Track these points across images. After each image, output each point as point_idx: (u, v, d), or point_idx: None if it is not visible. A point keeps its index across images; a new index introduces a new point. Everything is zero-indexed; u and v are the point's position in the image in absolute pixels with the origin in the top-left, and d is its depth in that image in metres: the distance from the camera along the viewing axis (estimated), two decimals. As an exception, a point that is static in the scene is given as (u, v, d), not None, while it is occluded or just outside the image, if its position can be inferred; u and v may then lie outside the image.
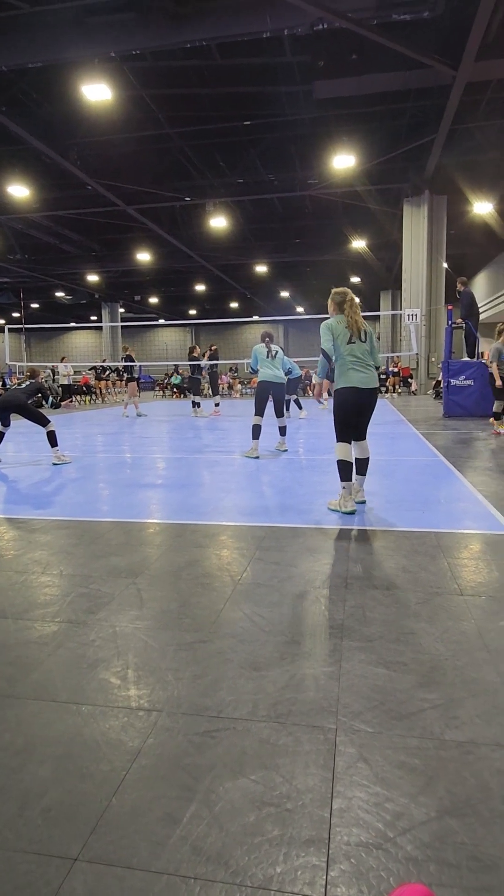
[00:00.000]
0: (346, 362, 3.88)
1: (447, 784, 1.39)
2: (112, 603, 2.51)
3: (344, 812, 1.31)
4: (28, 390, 6.37)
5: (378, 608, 2.40)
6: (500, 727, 1.61)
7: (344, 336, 3.91)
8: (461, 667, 1.92)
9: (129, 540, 3.46)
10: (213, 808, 1.33)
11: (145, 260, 23.70)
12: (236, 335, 40.29)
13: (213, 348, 13.91)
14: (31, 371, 6.73)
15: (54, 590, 2.69)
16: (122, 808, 1.34)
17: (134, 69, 11.26)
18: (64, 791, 1.40)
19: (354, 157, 14.23)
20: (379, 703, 1.73)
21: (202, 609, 2.43)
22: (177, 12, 9.31)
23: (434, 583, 2.67)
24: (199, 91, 12.18)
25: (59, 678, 1.91)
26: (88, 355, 37.57)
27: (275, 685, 1.84)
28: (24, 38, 9.71)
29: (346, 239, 21.48)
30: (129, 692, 1.82)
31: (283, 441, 7.05)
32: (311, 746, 1.54)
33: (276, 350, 6.65)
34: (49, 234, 21.22)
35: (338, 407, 3.94)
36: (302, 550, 3.18)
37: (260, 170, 16.17)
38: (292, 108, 12.90)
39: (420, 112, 13.37)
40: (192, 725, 1.64)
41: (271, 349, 6.59)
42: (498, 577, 2.74)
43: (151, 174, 16.28)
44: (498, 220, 18.09)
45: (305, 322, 36.41)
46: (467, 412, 10.81)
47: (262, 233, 22.16)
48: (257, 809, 1.32)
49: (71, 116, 12.76)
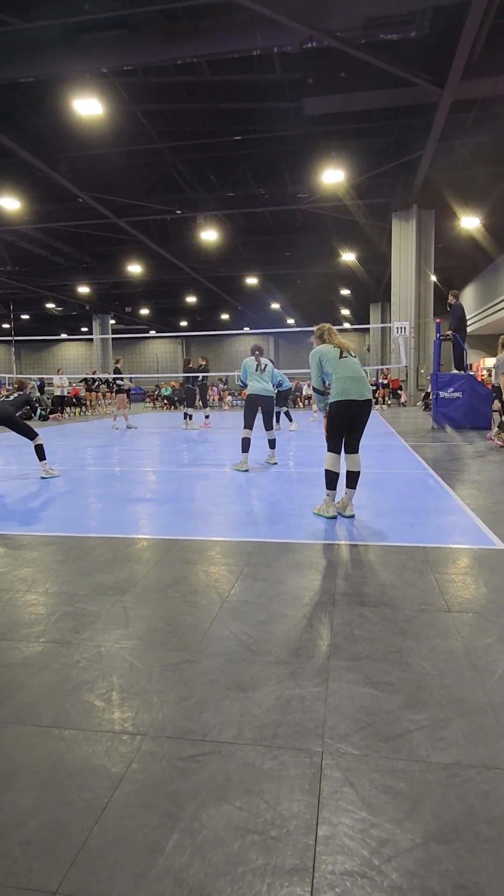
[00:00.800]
0: (341, 376, 4.01)
1: (433, 808, 1.38)
2: (98, 622, 2.48)
3: (329, 839, 1.30)
4: (16, 402, 6.33)
5: (365, 626, 2.39)
6: (487, 748, 1.60)
7: (334, 354, 4.11)
8: (448, 686, 1.92)
9: (117, 556, 3.43)
10: (197, 837, 1.31)
11: (136, 272, 23.78)
12: (227, 347, 40.43)
13: (203, 363, 13.97)
14: (18, 383, 6.70)
15: (39, 608, 2.65)
16: (103, 838, 1.32)
17: (125, 84, 11.37)
18: (44, 821, 1.37)
19: (343, 172, 14.42)
20: (366, 725, 1.71)
21: (189, 628, 2.41)
22: (168, 29, 9.43)
23: (422, 599, 2.66)
24: (190, 106, 12.31)
25: (42, 701, 1.88)
26: (79, 367, 37.51)
27: (261, 707, 1.82)
28: (16, 53, 9.78)
29: (336, 252, 21.70)
30: (114, 715, 1.79)
31: (273, 454, 7.05)
32: (296, 770, 1.53)
33: (266, 363, 6.69)
34: (40, 246, 21.25)
35: (332, 418, 4.07)
36: (290, 566, 3.17)
37: (250, 184, 16.33)
38: (282, 123, 13.07)
39: (408, 128, 13.59)
40: (176, 749, 1.62)
41: (261, 362, 6.63)
42: (485, 592, 2.74)
43: (142, 187, 16.39)
44: (485, 234, 18.36)
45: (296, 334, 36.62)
46: (456, 424, 10.89)
47: (253, 245, 22.33)
48: (241, 837, 1.31)
49: (62, 130, 12.84)
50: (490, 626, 2.37)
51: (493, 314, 21.66)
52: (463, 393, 10.87)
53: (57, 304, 31.35)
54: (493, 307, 21.46)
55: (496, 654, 2.12)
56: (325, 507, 4.18)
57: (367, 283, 26.81)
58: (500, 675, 1.97)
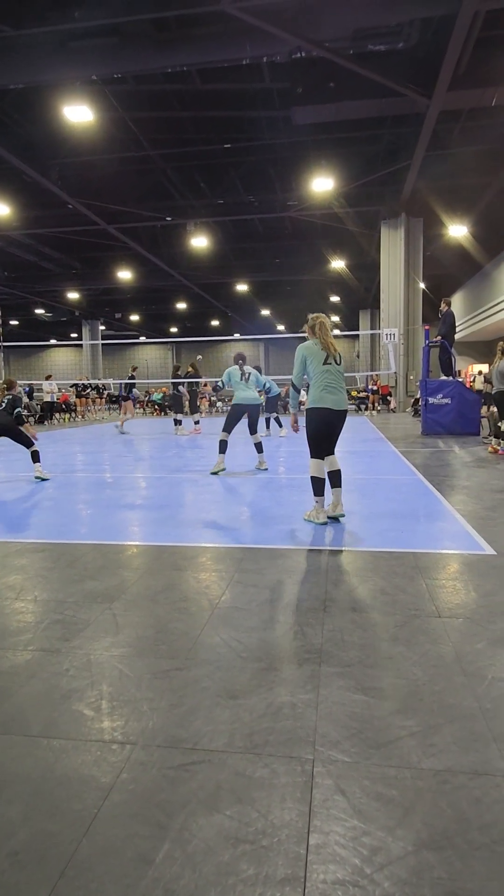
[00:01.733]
0: (321, 384, 4.06)
1: (424, 816, 1.38)
2: (87, 629, 2.46)
3: (320, 848, 1.29)
4: (9, 408, 6.26)
5: (356, 632, 2.39)
6: (477, 754, 1.60)
7: (319, 357, 4.11)
8: (439, 692, 1.92)
9: (107, 563, 3.41)
10: (187, 847, 1.30)
11: (126, 278, 23.77)
12: (217, 353, 40.43)
13: (192, 368, 13.98)
14: (7, 383, 6.51)
15: (28, 616, 2.63)
16: (92, 849, 1.30)
17: (116, 92, 11.41)
18: (33, 832, 1.35)
19: (333, 180, 14.54)
20: (357, 732, 1.71)
21: (179, 635, 2.39)
22: (158, 38, 9.48)
23: (412, 605, 2.67)
24: (180, 114, 12.37)
25: (30, 710, 1.86)
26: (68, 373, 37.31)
27: (252, 714, 1.81)
28: (6, 59, 9.77)
29: (326, 259, 21.84)
30: (103, 724, 1.77)
31: (263, 459, 7.05)
32: (287, 778, 1.52)
33: (250, 371, 6.76)
34: (29, 252, 21.19)
35: (311, 426, 4.15)
36: (281, 572, 3.16)
37: (240, 191, 16.40)
38: (272, 132, 13.16)
39: (396, 138, 13.75)
40: (166, 758, 1.61)
41: (244, 371, 6.68)
42: (475, 598, 2.76)
43: (133, 194, 16.42)
44: (473, 242, 18.57)
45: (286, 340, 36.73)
46: (445, 430, 10.96)
47: (243, 252, 22.43)
48: (232, 847, 1.29)
49: (52, 137, 12.84)
50: (480, 631, 2.38)
51: (480, 321, 21.89)
52: (452, 399, 10.95)
53: (46, 309, 31.25)
54: (481, 314, 21.70)
55: (487, 659, 2.13)
56: (315, 513, 4.20)
57: (356, 290, 26.99)
58: (490, 681, 1.98)
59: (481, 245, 18.77)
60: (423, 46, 9.90)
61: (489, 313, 20.69)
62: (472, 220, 17.39)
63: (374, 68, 10.03)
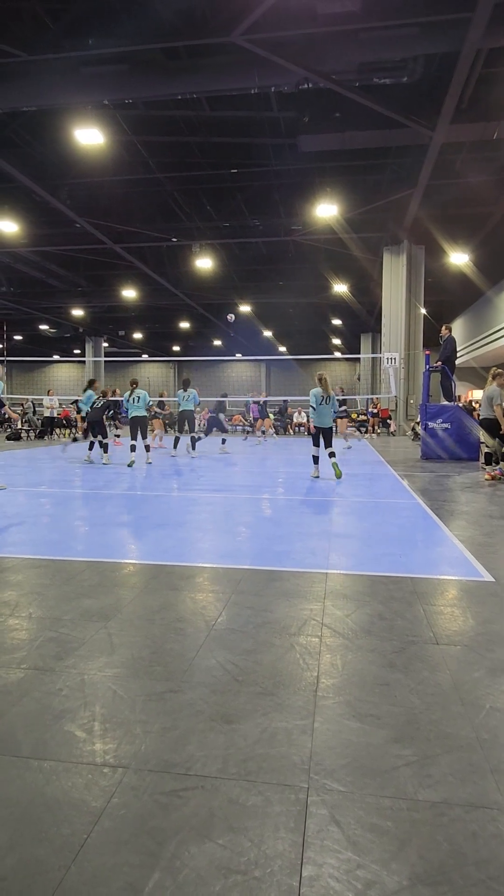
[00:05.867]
0: (321, 412, 7.96)
1: (420, 849, 1.35)
2: (81, 648, 2.44)
3: (314, 880, 1.26)
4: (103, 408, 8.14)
5: (353, 657, 2.36)
6: (475, 786, 1.58)
7: (320, 397, 7.88)
8: (436, 721, 1.89)
9: (103, 581, 3.39)
10: (178, 877, 1.27)
11: (131, 296, 24.03)
12: (219, 372, 40.71)
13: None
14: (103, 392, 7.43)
15: (22, 634, 2.60)
16: (80, 877, 1.27)
17: (126, 117, 11.67)
18: (20, 858, 1.32)
19: (336, 207, 14.79)
20: (352, 760, 1.69)
21: (174, 656, 2.37)
22: (169, 66, 9.73)
23: (410, 631, 2.65)
24: (188, 139, 12.64)
25: (21, 730, 1.83)
26: (70, 389, 37.49)
27: (246, 740, 1.78)
28: (20, 83, 10.02)
29: (328, 283, 22.11)
30: (95, 747, 1.75)
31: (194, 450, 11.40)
32: (281, 807, 1.49)
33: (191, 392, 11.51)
34: (36, 269, 21.44)
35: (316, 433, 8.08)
36: (278, 595, 3.14)
37: (245, 215, 16.68)
38: (278, 158, 13.44)
39: (400, 167, 14.02)
40: (158, 784, 1.58)
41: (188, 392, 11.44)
42: (473, 625, 2.73)
43: (140, 215, 16.69)
44: (474, 269, 18.83)
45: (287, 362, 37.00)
46: (445, 455, 10.98)
47: (247, 274, 22.70)
48: (223, 878, 1.27)
49: (63, 158, 13.10)
50: (479, 659, 2.36)
51: (481, 347, 22.07)
52: (451, 424, 10.99)
53: (51, 325, 31.51)
54: (482, 340, 21.88)
55: (484, 688, 2.11)
56: (314, 472, 8.22)
57: (358, 314, 27.26)
58: (488, 711, 1.95)
59: (483, 272, 19.03)
60: (427, 80, 10.16)
61: (490, 339, 20.87)
62: (474, 247, 17.65)
63: (379, 100, 10.29)
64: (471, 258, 18.12)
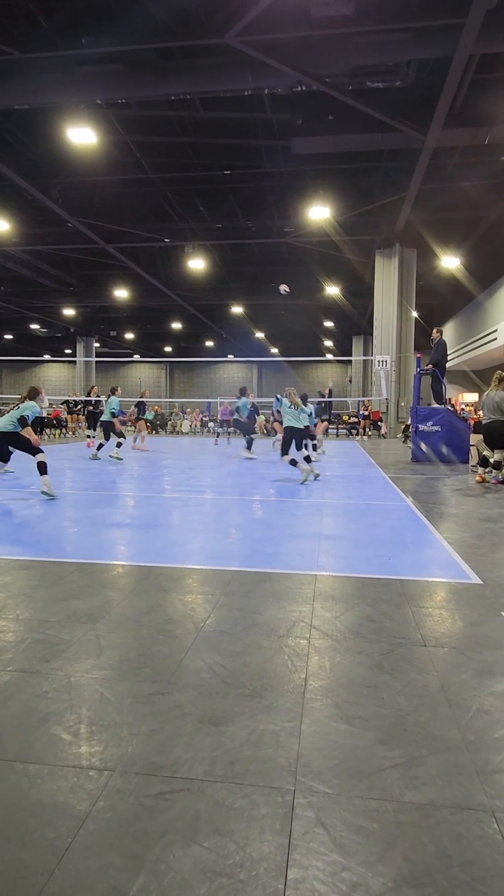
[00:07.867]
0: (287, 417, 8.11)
1: (406, 851, 1.36)
2: (69, 650, 2.42)
3: (299, 883, 1.26)
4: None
5: (341, 659, 2.37)
6: (461, 788, 1.58)
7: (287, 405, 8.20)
8: (423, 723, 1.90)
9: (92, 582, 3.37)
10: (163, 880, 1.26)
11: (122, 297, 23.96)
12: (211, 374, 40.68)
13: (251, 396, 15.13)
14: None
15: (9, 636, 2.58)
16: (64, 881, 1.26)
17: (119, 116, 11.64)
18: (3, 862, 1.31)
19: (329, 209, 14.83)
20: (339, 762, 1.69)
21: (162, 658, 2.36)
22: (163, 66, 9.72)
23: (398, 632, 2.65)
24: (182, 140, 12.63)
25: (7, 733, 1.82)
26: (61, 389, 37.31)
27: (233, 742, 1.78)
28: (12, 81, 9.97)
29: (321, 285, 22.16)
30: (81, 749, 1.74)
31: None
32: (267, 810, 1.49)
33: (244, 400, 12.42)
34: (27, 268, 21.33)
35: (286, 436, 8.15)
36: (267, 596, 3.14)
37: (238, 216, 16.69)
38: (271, 160, 13.46)
39: (392, 170, 14.09)
40: (144, 786, 1.57)
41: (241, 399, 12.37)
42: (461, 627, 2.75)
43: (132, 215, 16.64)
44: (465, 273, 18.95)
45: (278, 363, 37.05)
46: (435, 457, 11.03)
47: (239, 276, 22.71)
48: (209, 881, 1.26)
49: (55, 157, 13.04)
50: (466, 661, 2.37)
51: (471, 350, 22.21)
52: (441, 427, 11.05)
53: (42, 325, 31.34)
54: (472, 343, 22.02)
55: (472, 690, 2.12)
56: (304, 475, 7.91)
57: (350, 316, 27.36)
58: (475, 713, 1.96)
59: (474, 276, 19.17)
60: (420, 85, 10.23)
61: (480, 343, 21.01)
62: (466, 251, 17.77)
63: (371, 104, 10.34)
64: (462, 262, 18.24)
